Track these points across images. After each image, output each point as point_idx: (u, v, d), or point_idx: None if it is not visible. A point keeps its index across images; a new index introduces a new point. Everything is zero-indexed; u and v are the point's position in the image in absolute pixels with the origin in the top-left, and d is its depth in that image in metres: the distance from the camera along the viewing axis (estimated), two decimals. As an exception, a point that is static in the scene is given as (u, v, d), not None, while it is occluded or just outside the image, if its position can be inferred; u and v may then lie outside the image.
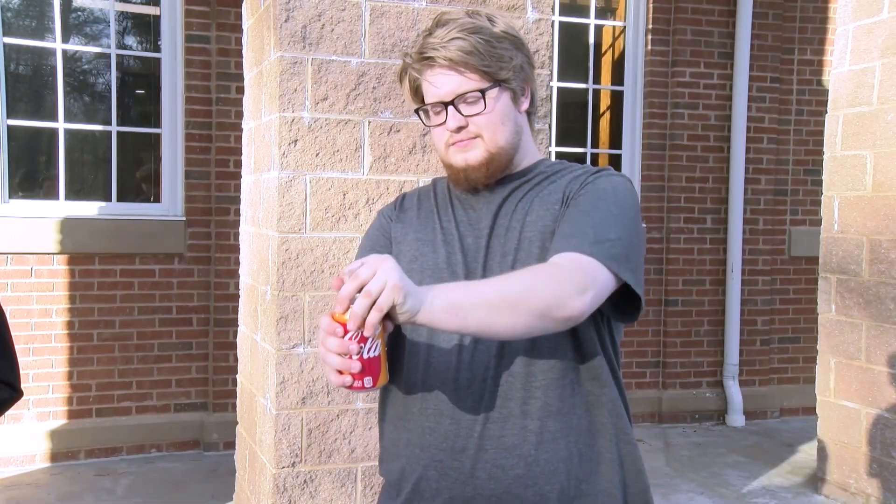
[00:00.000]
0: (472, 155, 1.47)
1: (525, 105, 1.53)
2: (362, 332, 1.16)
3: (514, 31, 1.50)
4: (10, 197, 4.81)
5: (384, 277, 1.16)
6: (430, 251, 1.52)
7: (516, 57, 1.48)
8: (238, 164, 4.83)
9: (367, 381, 1.20)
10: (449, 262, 1.50)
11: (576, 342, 1.45)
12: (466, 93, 1.44)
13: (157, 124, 5.12)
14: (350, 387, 1.20)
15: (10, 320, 1.87)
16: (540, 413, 1.42)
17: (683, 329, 5.92)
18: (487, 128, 1.45)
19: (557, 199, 1.47)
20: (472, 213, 1.53)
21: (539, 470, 1.41)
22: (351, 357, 1.18)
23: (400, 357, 1.50)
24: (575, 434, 1.44)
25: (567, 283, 1.28)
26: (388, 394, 1.56)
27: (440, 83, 1.45)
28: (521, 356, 1.43)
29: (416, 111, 1.53)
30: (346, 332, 1.16)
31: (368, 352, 1.18)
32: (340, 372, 1.21)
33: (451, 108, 1.45)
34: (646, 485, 1.52)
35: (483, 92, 1.44)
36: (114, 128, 5.06)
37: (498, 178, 1.51)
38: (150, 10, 5.24)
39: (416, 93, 1.52)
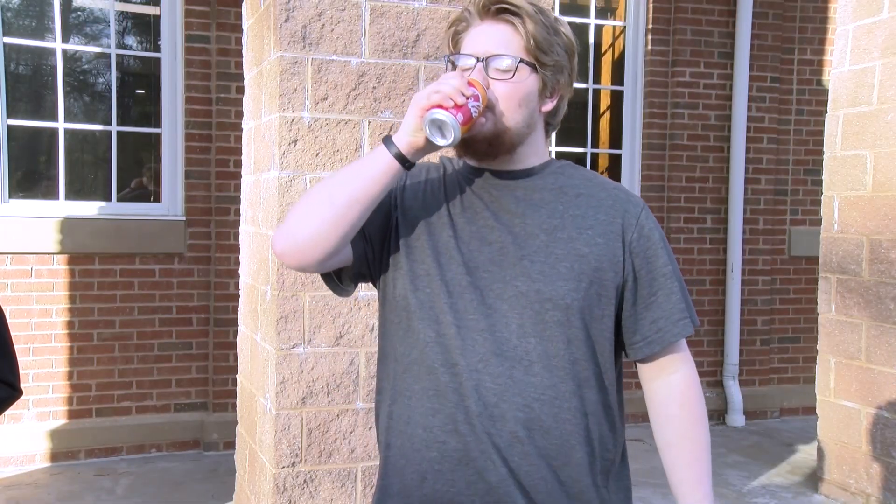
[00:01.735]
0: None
1: (548, 106, 1.50)
2: (477, 94, 1.40)
3: (574, 43, 1.51)
4: (10, 197, 4.81)
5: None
6: (436, 230, 1.50)
7: (563, 59, 1.48)
8: (238, 164, 4.83)
9: (459, 116, 1.37)
10: (447, 246, 1.48)
11: (597, 370, 1.49)
12: (503, 56, 1.42)
13: (157, 124, 5.12)
14: (444, 108, 1.36)
15: (10, 320, 1.87)
16: (535, 425, 1.42)
17: (683, 329, 5.91)
18: (504, 100, 1.43)
19: (604, 233, 1.46)
20: (479, 201, 1.50)
21: (541, 458, 1.43)
22: (461, 94, 1.36)
23: (406, 331, 1.48)
24: (562, 441, 1.45)
25: (703, 409, 1.61)
26: (388, 366, 1.53)
27: (484, 37, 1.44)
28: (528, 367, 1.42)
29: (447, 58, 1.51)
30: (470, 86, 1.39)
31: (471, 106, 1.38)
32: (441, 107, 1.37)
33: (480, 64, 1.43)
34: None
35: (519, 62, 1.43)
36: (114, 128, 5.06)
37: (497, 158, 1.48)
38: (150, 9, 5.24)
39: (456, 45, 1.50)
